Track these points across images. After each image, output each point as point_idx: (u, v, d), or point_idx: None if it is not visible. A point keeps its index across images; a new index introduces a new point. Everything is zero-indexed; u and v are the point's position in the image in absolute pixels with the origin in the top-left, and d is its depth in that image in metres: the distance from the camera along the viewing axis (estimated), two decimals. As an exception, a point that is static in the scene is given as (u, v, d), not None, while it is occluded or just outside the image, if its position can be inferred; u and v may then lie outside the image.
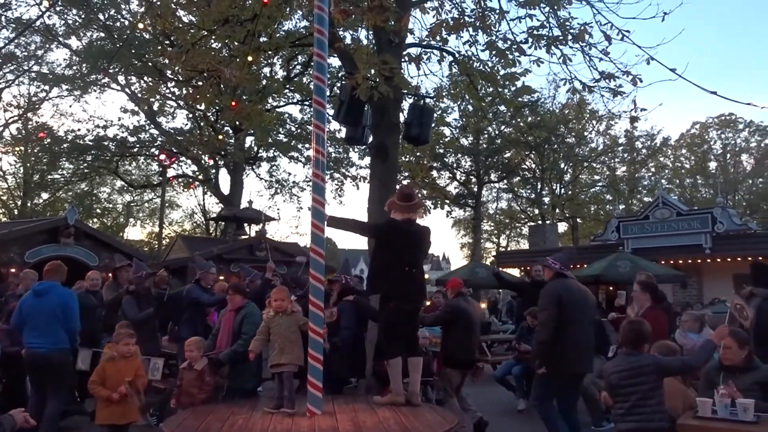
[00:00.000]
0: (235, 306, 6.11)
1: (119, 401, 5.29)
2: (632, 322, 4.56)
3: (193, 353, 5.67)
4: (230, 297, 6.20)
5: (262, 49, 10.46)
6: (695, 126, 43.77)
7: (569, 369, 5.42)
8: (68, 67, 26.17)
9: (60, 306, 5.96)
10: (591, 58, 8.36)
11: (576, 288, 5.59)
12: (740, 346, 4.42)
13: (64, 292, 6.17)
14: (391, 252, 5.21)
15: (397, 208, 5.30)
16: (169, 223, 36.67)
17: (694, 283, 19.72)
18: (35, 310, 5.93)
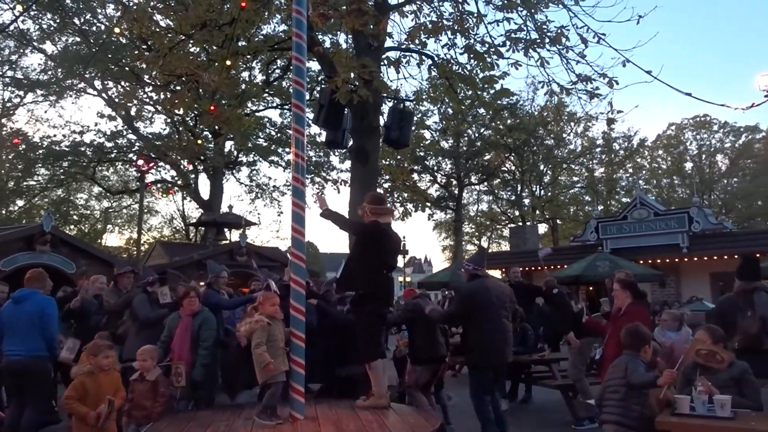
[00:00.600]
0: (192, 311, 5.87)
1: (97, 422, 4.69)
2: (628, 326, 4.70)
3: (146, 363, 5.25)
4: (188, 301, 5.92)
5: (241, 53, 10.44)
6: (671, 127, 44.56)
7: (490, 361, 5.83)
8: (43, 72, 25.81)
9: (37, 313, 5.86)
10: (568, 60, 8.48)
11: (491, 286, 6.01)
12: (714, 342, 4.48)
13: (42, 300, 6.04)
14: (374, 254, 5.24)
15: (375, 213, 5.37)
16: (147, 229, 36.27)
17: (672, 281, 20.02)
18: (14, 318, 5.85)
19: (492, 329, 5.77)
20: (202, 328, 5.80)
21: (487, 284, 5.99)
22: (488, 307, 5.81)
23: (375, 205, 5.42)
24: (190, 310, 5.90)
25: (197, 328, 5.80)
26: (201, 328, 5.80)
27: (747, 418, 3.93)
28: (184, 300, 5.99)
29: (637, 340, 4.49)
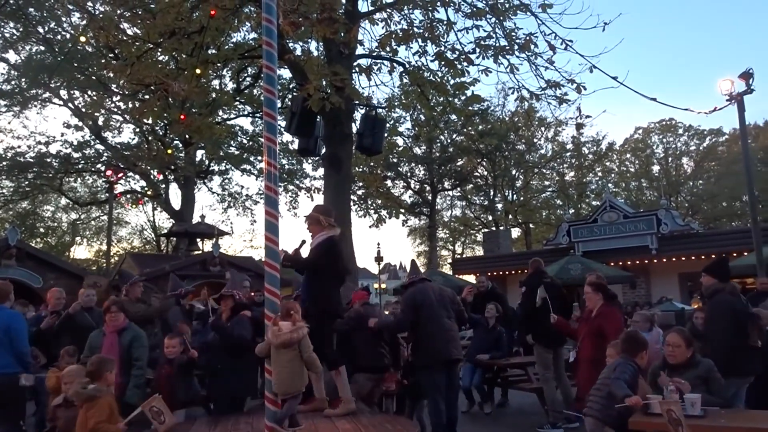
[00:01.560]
0: (117, 327, 5.39)
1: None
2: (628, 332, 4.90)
3: (73, 385, 4.50)
4: (112, 316, 5.39)
5: (211, 61, 10.35)
6: (638, 131, 45.45)
7: (436, 359, 5.94)
8: (6, 81, 25.19)
9: (4, 329, 5.69)
10: (537, 67, 8.61)
11: (429, 288, 6.26)
12: (687, 345, 4.58)
13: (8, 314, 5.86)
14: (333, 268, 5.40)
15: (326, 225, 5.47)
16: (117, 241, 35.64)
17: (642, 283, 20.36)
18: None
19: (435, 329, 5.97)
20: (133, 346, 5.35)
21: (425, 287, 6.22)
22: (428, 306, 6.02)
23: (327, 218, 5.53)
24: (114, 326, 5.40)
25: (127, 345, 5.34)
26: (132, 346, 5.34)
27: (717, 415, 4.03)
28: (105, 315, 5.44)
29: (634, 346, 4.57)
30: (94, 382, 4.26)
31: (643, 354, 4.58)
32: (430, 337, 5.96)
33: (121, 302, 5.78)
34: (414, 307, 6.05)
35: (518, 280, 18.58)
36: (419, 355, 6.11)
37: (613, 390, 4.24)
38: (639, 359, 4.54)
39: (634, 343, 4.60)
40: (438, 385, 5.95)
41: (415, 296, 6.13)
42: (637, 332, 4.82)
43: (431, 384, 5.98)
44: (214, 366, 5.76)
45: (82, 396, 4.16)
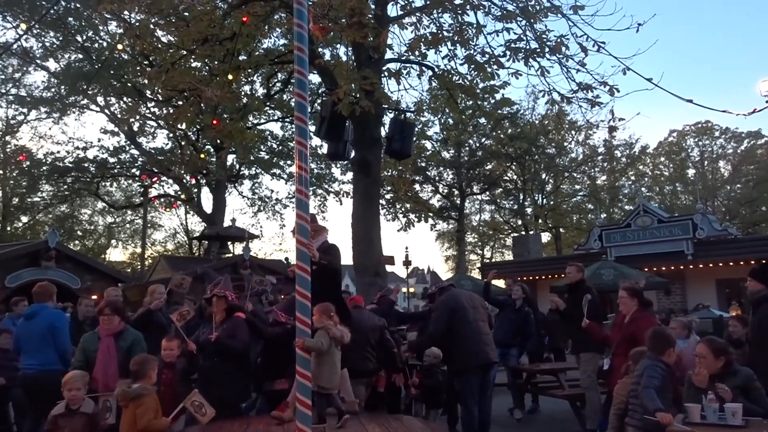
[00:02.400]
0: (113, 330, 5.10)
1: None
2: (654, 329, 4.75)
3: (78, 392, 4.36)
4: (106, 318, 5.08)
5: (242, 67, 10.50)
6: (673, 134, 44.56)
7: (472, 363, 5.94)
8: (47, 89, 25.98)
9: (48, 327, 5.96)
10: (568, 69, 8.51)
11: (460, 293, 6.36)
12: (716, 355, 4.43)
13: (51, 313, 6.18)
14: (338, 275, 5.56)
15: (324, 233, 5.56)
16: (151, 244, 36.36)
17: (677, 289, 19.92)
18: (27, 334, 6.03)
19: (469, 332, 5.96)
20: (133, 350, 5.05)
21: (455, 293, 6.28)
22: (462, 310, 6.02)
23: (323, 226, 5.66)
24: (109, 330, 5.12)
25: (126, 349, 5.07)
26: (132, 350, 5.05)
27: (759, 425, 3.90)
28: (99, 317, 5.13)
29: (661, 343, 4.48)
30: (137, 381, 4.34)
31: (670, 351, 4.48)
32: (464, 341, 5.94)
33: (116, 304, 5.43)
34: (449, 312, 6.03)
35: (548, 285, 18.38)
36: (454, 360, 6.06)
37: (644, 402, 4.15)
38: (667, 357, 4.45)
39: (662, 339, 4.49)
40: (472, 391, 5.93)
41: (447, 302, 6.13)
42: (663, 328, 4.69)
43: (466, 389, 5.95)
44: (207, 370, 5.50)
45: (128, 395, 4.23)
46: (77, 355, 5.13)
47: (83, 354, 5.11)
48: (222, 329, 5.53)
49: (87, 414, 4.31)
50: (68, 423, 4.22)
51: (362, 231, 9.17)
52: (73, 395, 4.30)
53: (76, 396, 4.30)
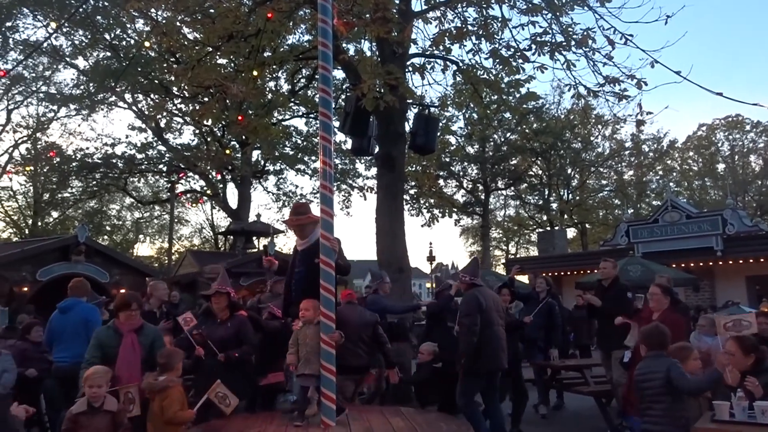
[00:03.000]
0: (136, 326, 4.95)
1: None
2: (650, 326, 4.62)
3: (100, 389, 4.14)
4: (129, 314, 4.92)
5: (267, 63, 10.56)
6: (702, 128, 43.72)
7: (487, 367, 5.99)
8: (76, 86, 26.48)
9: (82, 322, 6.13)
10: (595, 62, 8.38)
11: (489, 294, 6.27)
12: (745, 353, 4.36)
13: (86, 308, 6.39)
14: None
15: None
16: (178, 239, 36.88)
17: (706, 286, 19.56)
18: (61, 327, 6.23)
19: (489, 335, 5.96)
20: (155, 345, 4.98)
21: (484, 292, 6.21)
22: (488, 311, 6.03)
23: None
24: (133, 326, 4.98)
25: (149, 345, 4.95)
26: (154, 345, 4.97)
27: (790, 424, 3.82)
28: (122, 313, 4.96)
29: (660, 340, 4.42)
30: (164, 373, 4.43)
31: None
32: (485, 344, 5.91)
33: (138, 299, 5.28)
34: (479, 310, 5.97)
35: (574, 282, 18.18)
36: (468, 361, 5.95)
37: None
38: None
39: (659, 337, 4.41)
40: (476, 391, 6.05)
41: (479, 298, 6.06)
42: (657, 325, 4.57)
43: (471, 389, 6.03)
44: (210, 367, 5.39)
45: (155, 387, 4.33)
46: (92, 350, 4.82)
47: (99, 350, 4.82)
48: (226, 328, 5.48)
49: (110, 412, 4.10)
50: (90, 422, 4.00)
51: (386, 226, 9.18)
52: (94, 392, 4.09)
53: (97, 393, 4.10)
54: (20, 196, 31.33)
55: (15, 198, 31.14)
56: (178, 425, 4.30)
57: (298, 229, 5.48)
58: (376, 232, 9.37)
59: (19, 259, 14.23)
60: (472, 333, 5.89)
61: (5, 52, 25.19)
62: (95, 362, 4.55)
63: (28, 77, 26.69)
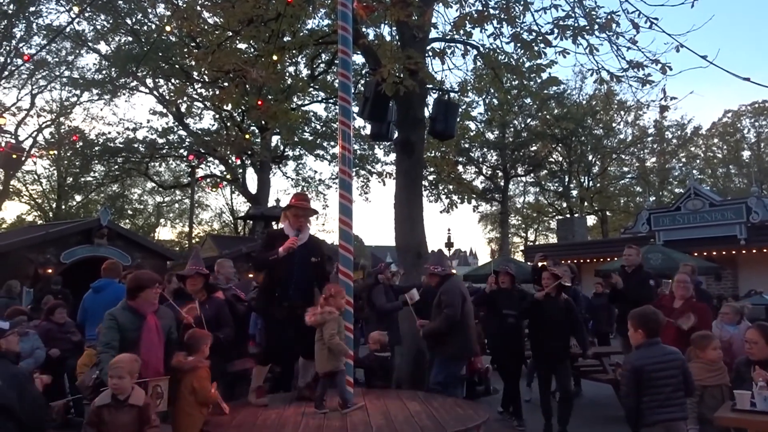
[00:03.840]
0: (154, 308, 4.41)
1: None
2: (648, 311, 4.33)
3: (122, 381, 3.69)
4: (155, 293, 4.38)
5: (287, 48, 10.52)
6: (727, 114, 42.83)
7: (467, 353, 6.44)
8: (98, 71, 26.73)
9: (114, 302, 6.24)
10: (618, 47, 8.22)
11: (461, 283, 6.74)
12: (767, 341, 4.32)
13: (118, 288, 6.43)
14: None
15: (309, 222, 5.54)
16: (198, 223, 37.28)
17: (728, 274, 19.29)
18: (94, 306, 6.36)
19: (470, 323, 6.39)
20: (172, 330, 4.62)
21: (460, 281, 6.72)
22: (467, 300, 6.43)
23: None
24: (152, 306, 4.43)
25: (167, 328, 4.51)
26: (171, 329, 4.59)
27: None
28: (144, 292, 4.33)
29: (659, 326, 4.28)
30: (191, 354, 4.45)
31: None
32: (465, 330, 6.29)
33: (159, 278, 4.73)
34: (461, 299, 6.28)
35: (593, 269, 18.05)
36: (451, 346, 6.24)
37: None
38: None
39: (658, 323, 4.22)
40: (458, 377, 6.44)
41: (459, 288, 6.44)
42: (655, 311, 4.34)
43: (455, 375, 6.37)
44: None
45: (185, 367, 4.37)
46: (109, 333, 4.17)
47: (118, 332, 4.16)
48: (205, 310, 5.21)
49: (137, 406, 3.68)
50: (114, 416, 3.62)
51: (405, 212, 9.15)
52: (115, 384, 3.66)
53: (118, 385, 3.66)
54: (44, 180, 31.91)
55: (39, 182, 31.70)
56: (207, 406, 4.37)
57: (305, 218, 5.24)
58: (394, 218, 9.36)
59: (44, 241, 14.48)
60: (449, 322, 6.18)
61: (29, 36, 25.51)
62: (116, 346, 4.05)
63: (51, 62, 27.00)
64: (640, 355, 4.02)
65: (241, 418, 4.51)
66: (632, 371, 3.93)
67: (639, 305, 6.74)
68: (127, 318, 4.24)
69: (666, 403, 3.94)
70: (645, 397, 3.90)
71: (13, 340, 4.24)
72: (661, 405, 3.92)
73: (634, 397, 3.90)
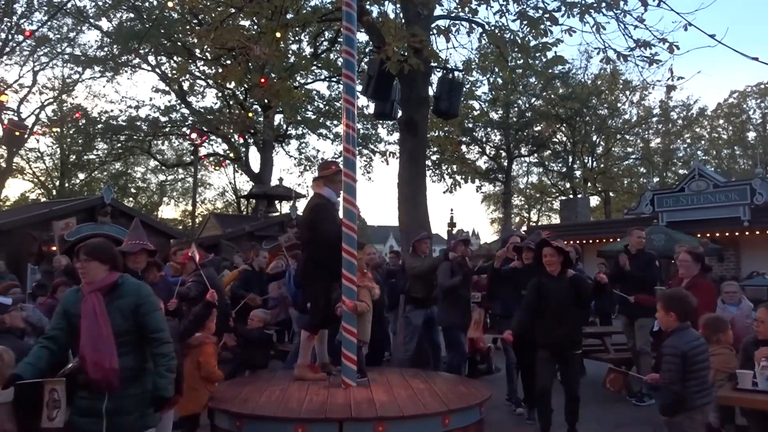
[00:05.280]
0: (100, 284, 3.23)
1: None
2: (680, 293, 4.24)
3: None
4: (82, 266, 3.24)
5: (290, 25, 10.43)
6: (733, 95, 42.37)
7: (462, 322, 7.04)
8: (100, 48, 26.58)
9: None
10: (626, 25, 8.14)
11: None
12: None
13: None
14: None
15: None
16: (201, 202, 37.31)
17: (731, 256, 19.27)
18: None
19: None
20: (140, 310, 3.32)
21: None
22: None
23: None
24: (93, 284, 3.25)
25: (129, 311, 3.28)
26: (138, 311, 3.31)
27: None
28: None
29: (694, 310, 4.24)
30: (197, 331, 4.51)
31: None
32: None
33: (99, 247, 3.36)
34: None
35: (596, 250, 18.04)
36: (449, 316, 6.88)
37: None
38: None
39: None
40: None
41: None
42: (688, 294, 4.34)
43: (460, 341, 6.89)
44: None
45: (191, 343, 4.44)
46: (55, 319, 3.35)
47: (63, 318, 3.26)
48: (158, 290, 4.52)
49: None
50: None
51: (408, 192, 9.15)
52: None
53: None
54: (47, 157, 31.90)
55: (42, 159, 31.70)
56: (212, 383, 4.41)
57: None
58: (398, 197, 9.35)
59: (48, 219, 14.51)
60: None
61: (30, 12, 25.31)
62: (53, 335, 3.22)
63: (53, 39, 26.81)
64: (681, 339, 3.83)
65: (246, 393, 4.55)
66: (681, 357, 3.72)
67: (645, 286, 6.80)
68: (72, 300, 3.29)
69: (705, 387, 3.87)
70: (689, 382, 3.75)
71: (16, 315, 4.27)
72: (702, 389, 3.83)
73: (681, 384, 3.71)
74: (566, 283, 5.40)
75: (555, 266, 5.38)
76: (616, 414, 6.61)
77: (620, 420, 6.39)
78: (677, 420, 3.73)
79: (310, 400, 4.30)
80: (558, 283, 5.37)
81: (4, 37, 25.59)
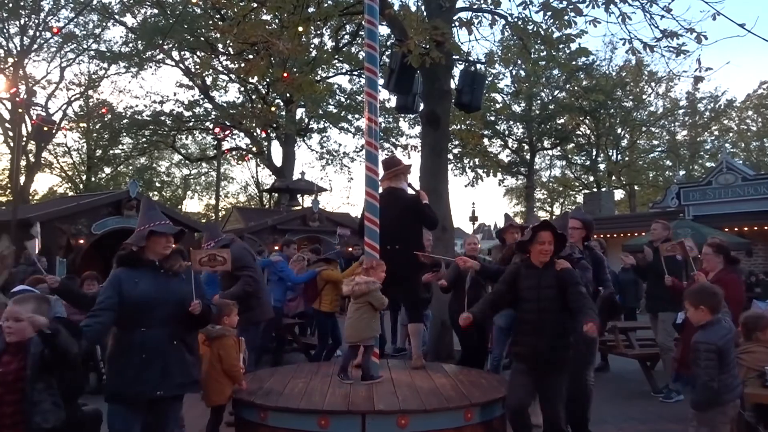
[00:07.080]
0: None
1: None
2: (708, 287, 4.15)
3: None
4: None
5: (312, 19, 10.45)
6: (763, 86, 41.37)
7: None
8: (125, 44, 26.91)
9: None
10: (652, 15, 8.01)
11: None
12: None
13: None
14: None
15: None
16: (224, 195, 37.66)
17: (760, 251, 18.89)
18: None
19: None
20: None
21: None
22: None
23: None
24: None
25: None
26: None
27: None
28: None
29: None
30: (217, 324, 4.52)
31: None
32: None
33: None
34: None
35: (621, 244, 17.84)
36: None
37: None
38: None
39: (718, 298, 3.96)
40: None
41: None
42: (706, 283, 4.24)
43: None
44: None
45: (212, 334, 4.47)
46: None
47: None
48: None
49: None
50: None
51: (430, 185, 9.11)
52: None
53: None
54: (74, 152, 32.44)
55: (70, 154, 32.24)
56: (234, 376, 4.44)
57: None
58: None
59: (75, 212, 14.79)
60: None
61: (57, 10, 25.72)
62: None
63: (79, 35, 27.22)
64: (716, 334, 3.71)
65: (269, 385, 4.60)
66: (717, 352, 3.62)
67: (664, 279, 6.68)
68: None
69: (737, 381, 3.83)
70: (722, 375, 3.65)
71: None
72: (734, 383, 3.78)
73: (717, 379, 3.61)
74: (552, 278, 4.08)
75: (547, 257, 4.13)
76: (642, 411, 6.53)
77: (646, 417, 6.31)
78: (709, 415, 3.66)
79: (333, 393, 4.32)
80: (541, 277, 4.10)
81: (32, 34, 26.07)
